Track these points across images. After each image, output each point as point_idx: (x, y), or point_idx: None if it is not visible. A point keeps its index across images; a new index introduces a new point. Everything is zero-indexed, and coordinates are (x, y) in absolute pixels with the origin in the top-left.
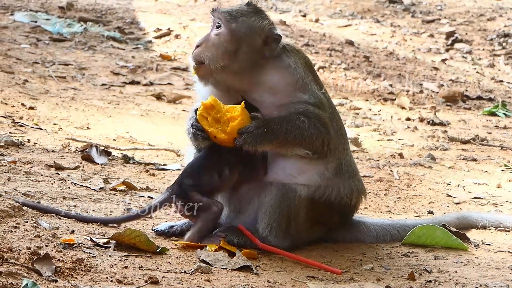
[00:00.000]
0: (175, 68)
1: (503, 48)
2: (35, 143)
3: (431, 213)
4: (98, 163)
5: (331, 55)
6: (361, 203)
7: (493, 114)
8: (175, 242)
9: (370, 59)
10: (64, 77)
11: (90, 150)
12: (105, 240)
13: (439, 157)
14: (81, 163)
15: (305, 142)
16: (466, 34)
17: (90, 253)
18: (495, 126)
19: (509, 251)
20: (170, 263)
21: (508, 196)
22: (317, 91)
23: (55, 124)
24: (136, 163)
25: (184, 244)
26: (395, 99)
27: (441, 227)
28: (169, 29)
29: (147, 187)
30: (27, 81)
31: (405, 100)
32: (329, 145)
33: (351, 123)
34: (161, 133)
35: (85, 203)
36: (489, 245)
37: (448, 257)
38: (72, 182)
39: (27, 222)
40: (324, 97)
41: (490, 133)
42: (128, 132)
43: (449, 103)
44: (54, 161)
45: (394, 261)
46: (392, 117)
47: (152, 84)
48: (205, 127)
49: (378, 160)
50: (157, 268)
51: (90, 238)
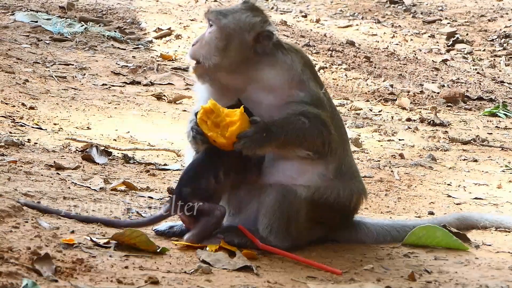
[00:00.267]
0: (175, 68)
1: (504, 48)
2: (36, 143)
3: (431, 213)
4: (98, 163)
5: (331, 56)
6: (362, 205)
7: (494, 114)
8: (175, 242)
9: (371, 60)
10: (64, 77)
11: (90, 150)
12: (105, 240)
13: (439, 158)
14: (81, 163)
15: (306, 142)
16: (467, 34)
17: (90, 253)
18: (496, 126)
19: (509, 252)
20: (170, 263)
21: (508, 196)
22: (315, 89)
23: (55, 124)
24: (136, 163)
25: (184, 244)
26: (396, 100)
27: (441, 227)
28: (169, 29)
29: (147, 187)
30: (27, 81)
31: (406, 100)
32: (330, 145)
33: (351, 123)
34: (161, 133)
35: (85, 203)
36: (490, 245)
37: (448, 257)
38: (72, 182)
39: (27, 222)
40: (323, 96)
41: (490, 133)
42: (128, 132)
43: (449, 104)
44: (54, 161)
45: (394, 262)
46: (392, 118)
47: (152, 84)
48: (205, 131)
49: (378, 160)
50: (157, 268)
51: (90, 238)
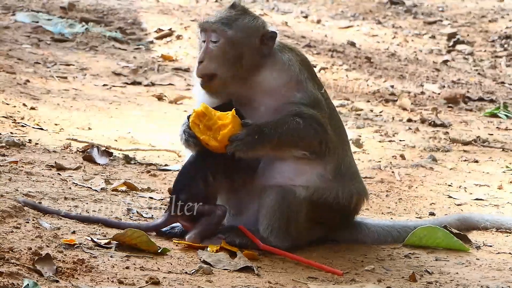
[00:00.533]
0: (176, 68)
1: (505, 49)
2: (37, 144)
3: (432, 214)
4: (99, 164)
5: (332, 56)
6: (363, 206)
7: (494, 115)
8: (177, 241)
9: (371, 60)
10: (65, 78)
11: (91, 150)
12: (106, 240)
13: (440, 159)
14: (82, 163)
15: (301, 142)
16: (467, 35)
17: (91, 254)
18: (497, 127)
19: (510, 253)
20: (171, 264)
21: (509, 197)
22: (313, 89)
23: (56, 124)
24: (137, 163)
25: (185, 244)
26: (397, 100)
27: (442, 228)
28: (170, 29)
29: (148, 187)
30: (28, 81)
31: (407, 101)
32: (327, 144)
33: (352, 124)
34: (162, 134)
35: (86, 203)
36: (490, 246)
37: (449, 258)
38: (73, 182)
39: (28, 222)
40: (321, 96)
41: (491, 134)
42: (129, 132)
43: (450, 105)
44: (55, 162)
45: (395, 262)
46: (393, 118)
47: (153, 84)
48: (197, 134)
49: (379, 161)
50: (158, 268)
51: (91, 238)
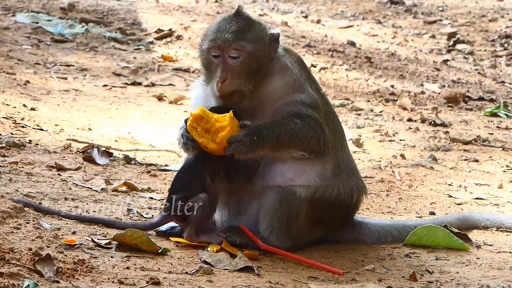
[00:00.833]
0: (176, 69)
1: (505, 49)
2: (37, 144)
3: (432, 213)
4: (99, 164)
5: (332, 56)
6: (362, 201)
7: (494, 115)
8: (174, 239)
9: (371, 60)
10: (65, 78)
11: (91, 151)
12: (107, 241)
13: (440, 158)
14: (82, 164)
15: (300, 142)
16: (467, 35)
17: (91, 254)
18: (497, 127)
19: (510, 252)
20: (171, 264)
21: (509, 196)
22: (311, 90)
23: (56, 125)
24: (137, 164)
25: (184, 242)
26: (397, 100)
27: (442, 227)
28: (170, 30)
29: (148, 188)
30: (28, 82)
31: (407, 101)
32: (325, 144)
33: (352, 124)
34: (162, 134)
35: (87, 203)
36: (491, 245)
37: (449, 257)
38: (73, 183)
39: (28, 223)
40: (318, 96)
41: (491, 134)
42: (129, 133)
43: (450, 104)
44: (55, 162)
45: (395, 262)
46: (393, 118)
47: (153, 85)
48: (195, 138)
49: (379, 161)
50: (159, 269)
51: (91, 239)
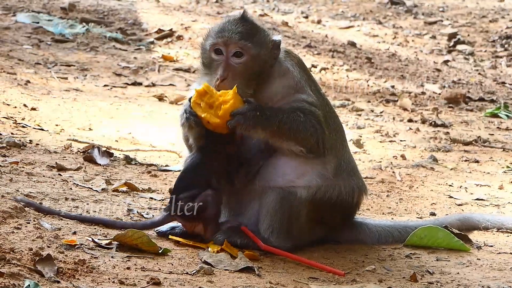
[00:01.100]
0: (177, 69)
1: (505, 49)
2: (37, 144)
3: (433, 214)
4: (100, 164)
5: (333, 57)
6: (363, 201)
7: (495, 115)
8: (174, 238)
9: (372, 61)
10: (66, 78)
11: (92, 151)
12: (107, 241)
13: (441, 159)
14: (83, 164)
15: (300, 136)
16: (468, 35)
17: (92, 254)
18: (497, 127)
19: (511, 253)
20: (172, 264)
21: (510, 197)
22: (312, 92)
23: (57, 125)
24: (138, 164)
25: (185, 242)
26: (397, 101)
27: (443, 228)
28: (171, 30)
29: (149, 188)
30: (29, 82)
31: (407, 101)
32: (324, 144)
33: (353, 124)
34: (163, 134)
35: (87, 204)
36: (491, 246)
37: (450, 258)
38: (74, 183)
39: (29, 223)
40: (319, 97)
41: (492, 134)
42: (130, 133)
43: (451, 105)
44: (56, 162)
45: (396, 263)
46: (394, 119)
47: (154, 85)
48: (199, 113)
49: (380, 161)
50: (159, 269)
51: (92, 239)
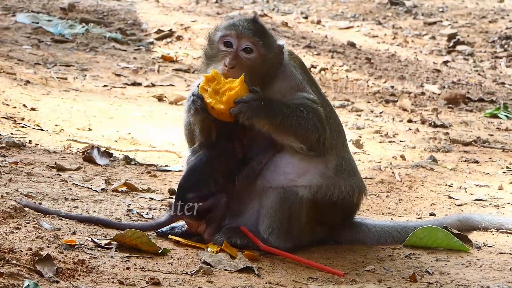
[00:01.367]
0: (177, 69)
1: (505, 50)
2: (37, 144)
3: (432, 215)
4: (99, 164)
5: (333, 57)
6: (362, 201)
7: (495, 116)
8: (173, 237)
9: (372, 61)
10: (65, 78)
11: (91, 151)
12: (107, 241)
13: (440, 159)
14: (82, 164)
15: (301, 133)
16: (468, 36)
17: (91, 254)
18: (497, 128)
19: (510, 253)
20: (171, 264)
21: (510, 198)
22: (313, 92)
23: (56, 125)
24: (137, 164)
25: (184, 242)
26: (397, 101)
27: (442, 229)
28: (170, 30)
29: (148, 188)
30: (28, 82)
31: (407, 102)
32: (324, 143)
33: (352, 124)
34: (162, 135)
35: (87, 204)
36: (491, 247)
37: (449, 259)
38: (73, 183)
39: (28, 223)
40: (319, 98)
41: (492, 135)
42: (129, 133)
43: (450, 105)
44: (55, 162)
45: (395, 263)
46: (393, 119)
47: (154, 85)
48: (205, 99)
49: (379, 162)
50: (159, 269)
51: (91, 239)
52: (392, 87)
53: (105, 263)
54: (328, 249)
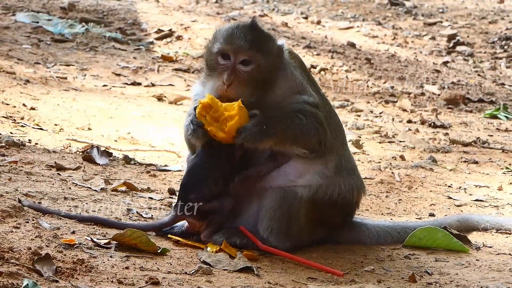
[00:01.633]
0: (176, 69)
1: (505, 51)
2: (36, 144)
3: (432, 215)
4: (99, 164)
5: (332, 57)
6: (362, 201)
7: (494, 116)
8: (173, 237)
9: (371, 61)
10: (65, 78)
11: (91, 150)
12: (106, 240)
13: (440, 160)
14: (82, 163)
15: (303, 139)
16: (467, 36)
17: (91, 254)
18: (497, 128)
19: (510, 254)
20: (171, 264)
21: (509, 198)
22: (313, 92)
23: (56, 124)
24: (137, 164)
25: (184, 241)
26: (397, 101)
27: (442, 229)
28: (170, 30)
29: (148, 188)
30: (28, 81)
31: (407, 102)
32: (325, 144)
33: (352, 125)
34: (162, 134)
35: (86, 203)
36: (490, 247)
37: (449, 259)
38: (73, 182)
39: (28, 222)
40: (320, 98)
41: (491, 135)
42: (129, 133)
43: (450, 106)
44: (55, 162)
45: (395, 263)
46: (393, 119)
47: (153, 85)
48: (205, 125)
49: (379, 162)
50: (158, 269)
51: (91, 238)
52: (392, 88)
53: (104, 262)
54: (327, 249)
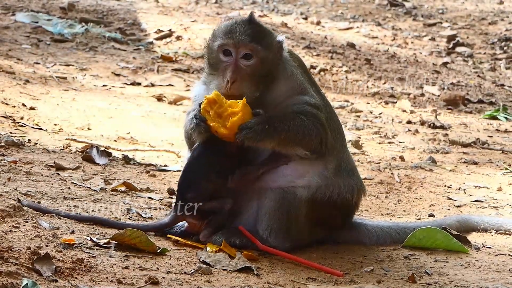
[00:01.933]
0: (176, 69)
1: (505, 52)
2: (36, 143)
3: (431, 216)
4: (98, 164)
5: (332, 58)
6: (361, 201)
7: (494, 117)
8: (172, 236)
9: (371, 62)
10: (65, 78)
11: (90, 150)
12: (106, 240)
13: (440, 160)
14: (81, 163)
15: (304, 141)
16: (467, 37)
17: (90, 253)
18: (496, 129)
19: (509, 254)
20: (170, 264)
21: (509, 199)
22: (314, 93)
23: (55, 124)
24: (136, 164)
25: (183, 241)
26: (396, 102)
27: (441, 230)
28: (170, 30)
29: (147, 188)
30: (28, 81)
31: (406, 103)
32: (326, 145)
33: (352, 125)
34: (162, 134)
35: (86, 203)
36: (490, 248)
37: (448, 259)
38: (72, 182)
39: (27, 222)
40: (320, 98)
41: (491, 136)
42: (129, 133)
43: (450, 107)
44: (54, 162)
45: (394, 264)
46: (393, 120)
47: (153, 85)
48: (208, 121)
49: (379, 162)
50: (157, 268)
51: (90, 238)
52: (391, 88)
53: (103, 262)
54: (327, 249)
